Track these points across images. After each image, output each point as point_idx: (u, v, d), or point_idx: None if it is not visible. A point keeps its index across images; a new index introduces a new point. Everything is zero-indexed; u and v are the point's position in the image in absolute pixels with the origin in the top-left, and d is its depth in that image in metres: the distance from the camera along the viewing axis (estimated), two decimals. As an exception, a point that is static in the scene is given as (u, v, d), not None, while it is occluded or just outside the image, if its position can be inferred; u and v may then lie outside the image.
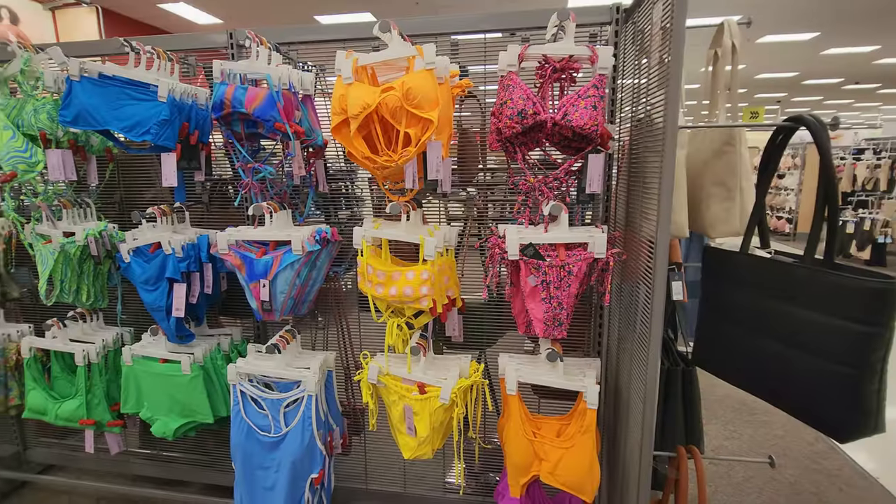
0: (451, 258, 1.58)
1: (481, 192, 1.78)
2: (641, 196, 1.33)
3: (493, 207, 1.79)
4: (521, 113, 1.23)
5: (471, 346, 1.82)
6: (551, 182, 1.32)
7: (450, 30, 1.59)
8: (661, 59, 1.17)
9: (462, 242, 1.84)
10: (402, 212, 1.40)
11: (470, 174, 1.79)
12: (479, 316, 1.76)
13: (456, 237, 1.56)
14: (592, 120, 1.19)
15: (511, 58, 1.25)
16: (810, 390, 0.99)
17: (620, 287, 1.60)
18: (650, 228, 1.24)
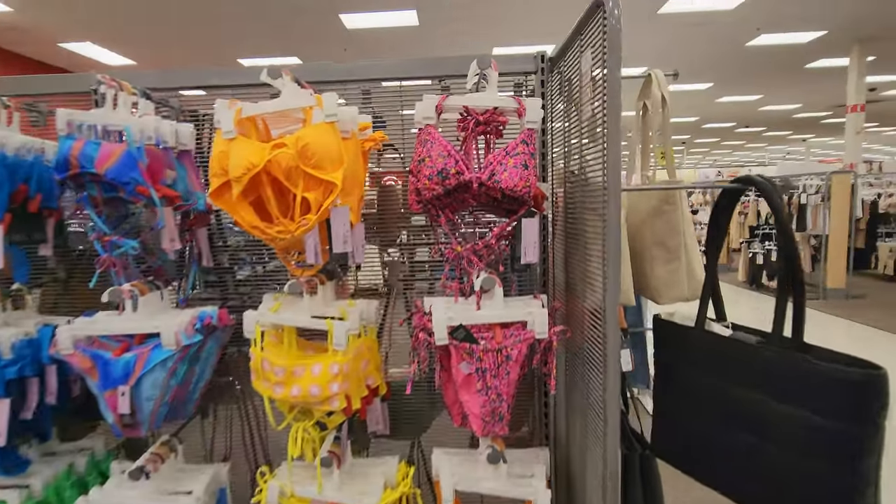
0: (372, 337, 1.33)
1: (407, 253, 1.56)
2: (583, 261, 1.17)
3: (427, 270, 1.58)
4: (441, 172, 1.05)
5: (402, 434, 1.55)
6: (481, 249, 1.13)
7: (364, 76, 1.40)
8: (592, 113, 1.05)
9: (387, 313, 1.60)
10: (304, 291, 1.14)
11: (393, 235, 1.58)
12: (409, 397, 1.51)
13: (376, 312, 1.32)
14: (524, 180, 1.02)
15: (428, 109, 1.08)
16: (791, 494, 0.83)
17: (564, 360, 1.43)
18: (595, 298, 1.08)
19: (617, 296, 0.98)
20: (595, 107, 1.01)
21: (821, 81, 9.83)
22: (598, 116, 1.02)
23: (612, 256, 0.93)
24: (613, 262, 0.93)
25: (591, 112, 1.05)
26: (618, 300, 0.97)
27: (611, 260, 0.94)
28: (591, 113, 1.05)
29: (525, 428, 1.66)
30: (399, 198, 1.55)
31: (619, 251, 0.93)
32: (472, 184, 1.06)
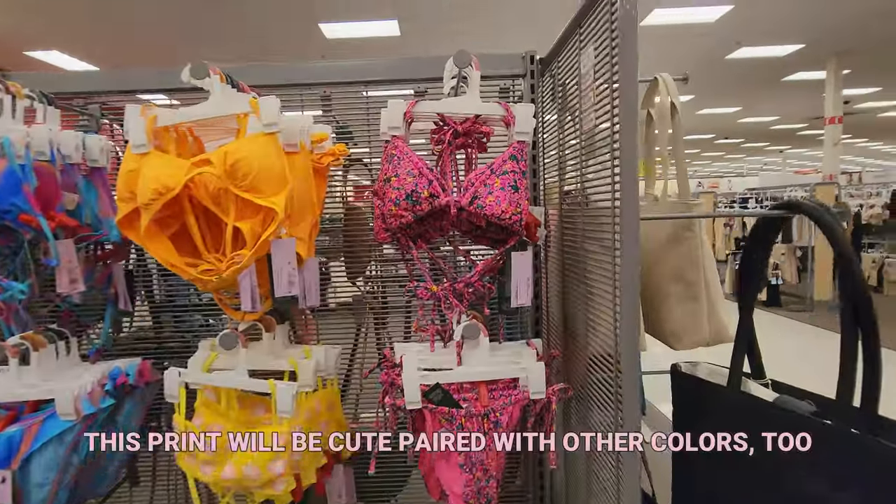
0: (333, 390, 1.10)
1: (376, 286, 1.35)
2: (585, 299, 0.97)
3: (408, 307, 1.36)
4: (411, 196, 0.84)
5: (372, 499, 1.31)
6: (462, 289, 0.92)
7: (324, 79, 1.19)
8: (595, 122, 0.85)
9: (354, 358, 1.38)
10: (239, 345, 0.91)
11: (361, 264, 1.36)
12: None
13: (337, 360, 1.10)
14: (513, 206, 0.82)
15: (394, 117, 0.87)
16: None
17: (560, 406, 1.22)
18: (603, 343, 0.87)
19: (635, 345, 0.78)
20: (600, 115, 0.82)
21: (798, 94, 9.97)
22: (602, 127, 0.82)
23: (628, 298, 0.72)
24: (629, 304, 0.73)
25: (594, 121, 0.85)
26: (636, 350, 0.77)
27: (626, 302, 0.73)
28: (593, 122, 0.86)
29: (517, 481, 1.44)
30: (368, 220, 1.33)
31: (636, 291, 0.72)
32: (449, 209, 0.85)
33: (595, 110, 0.84)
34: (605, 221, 0.82)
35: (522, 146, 0.85)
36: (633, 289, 0.72)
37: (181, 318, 1.34)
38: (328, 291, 1.34)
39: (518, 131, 0.84)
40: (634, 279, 0.72)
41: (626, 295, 0.73)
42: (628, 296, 0.72)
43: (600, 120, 0.82)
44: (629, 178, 0.70)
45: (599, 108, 0.82)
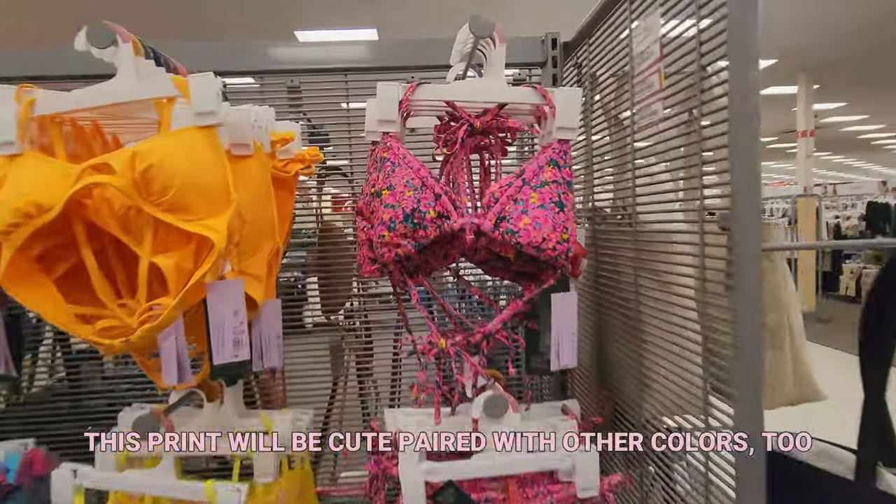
0: (303, 472, 0.83)
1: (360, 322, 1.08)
2: (636, 349, 0.73)
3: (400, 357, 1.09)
4: (411, 217, 0.59)
5: None
6: (479, 342, 0.67)
7: (293, 64, 0.94)
8: (662, 110, 0.63)
9: (331, 413, 1.10)
10: (161, 428, 0.63)
11: (339, 297, 1.09)
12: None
13: (310, 429, 0.83)
14: (559, 231, 0.58)
15: (386, 108, 0.62)
16: None
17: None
18: (666, 405, 0.63)
19: (760, 426, 0.54)
20: (675, 104, 0.59)
21: (769, 108, 10.16)
22: (673, 122, 0.59)
23: (750, 359, 0.49)
24: (751, 366, 0.49)
25: (660, 113, 0.62)
26: (761, 434, 0.53)
27: (747, 365, 0.50)
28: (659, 115, 0.63)
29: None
30: (348, 244, 1.08)
31: (759, 353, 0.49)
32: (464, 235, 0.61)
33: (663, 98, 0.61)
34: (687, 250, 0.59)
35: (565, 147, 0.61)
36: (755, 348, 0.49)
37: (108, 367, 1.05)
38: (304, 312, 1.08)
39: (561, 126, 0.60)
40: (756, 333, 0.49)
41: (747, 355, 0.49)
42: (750, 356, 0.49)
43: (675, 110, 0.59)
44: (748, 189, 0.47)
45: (673, 95, 0.59)
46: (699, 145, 0.55)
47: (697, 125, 0.55)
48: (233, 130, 0.64)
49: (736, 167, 0.47)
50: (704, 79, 0.53)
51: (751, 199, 0.47)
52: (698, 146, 0.55)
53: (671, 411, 0.68)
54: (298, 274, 1.21)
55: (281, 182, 0.81)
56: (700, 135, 0.55)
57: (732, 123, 0.48)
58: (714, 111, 0.52)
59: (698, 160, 0.55)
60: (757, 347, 0.49)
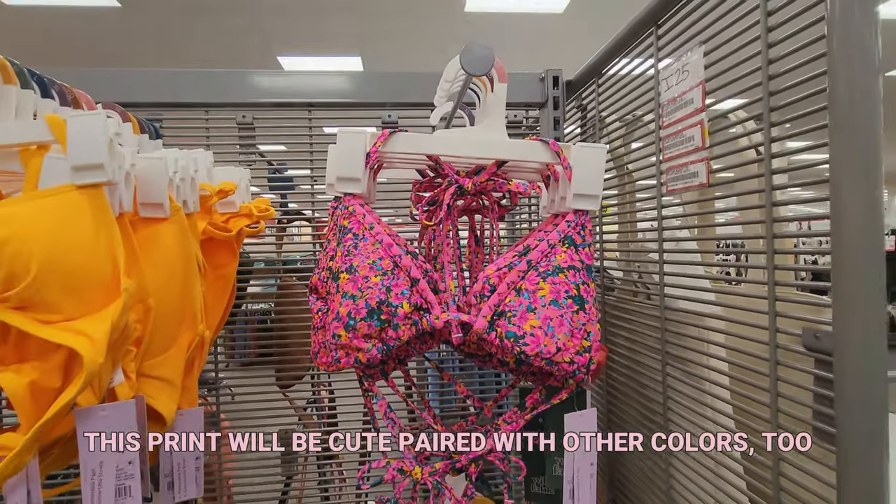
0: None
1: (318, 410, 0.90)
2: (663, 467, 0.58)
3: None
4: (377, 312, 0.43)
5: None
6: (464, 465, 0.51)
7: (245, 98, 0.78)
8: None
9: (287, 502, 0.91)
10: None
11: (295, 369, 0.92)
12: None
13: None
14: (578, 338, 0.42)
15: (349, 161, 0.47)
16: None
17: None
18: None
19: None
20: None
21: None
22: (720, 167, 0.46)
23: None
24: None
25: (705, 172, 0.49)
26: None
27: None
28: (702, 174, 0.49)
29: None
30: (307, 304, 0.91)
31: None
32: (448, 334, 0.45)
33: (709, 159, 0.47)
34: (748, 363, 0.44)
35: (584, 220, 0.46)
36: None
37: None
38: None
39: (579, 193, 0.45)
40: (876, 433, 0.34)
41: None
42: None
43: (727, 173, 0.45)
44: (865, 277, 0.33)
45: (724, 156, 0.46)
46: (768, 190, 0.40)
47: (767, 153, 0.41)
48: (142, 185, 0.48)
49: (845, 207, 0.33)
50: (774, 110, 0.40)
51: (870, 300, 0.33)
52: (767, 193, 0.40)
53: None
54: (270, 304, 1.05)
55: (220, 242, 0.65)
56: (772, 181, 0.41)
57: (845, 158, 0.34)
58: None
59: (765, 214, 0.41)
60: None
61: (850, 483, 0.35)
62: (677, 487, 0.58)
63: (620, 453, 0.71)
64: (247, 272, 0.87)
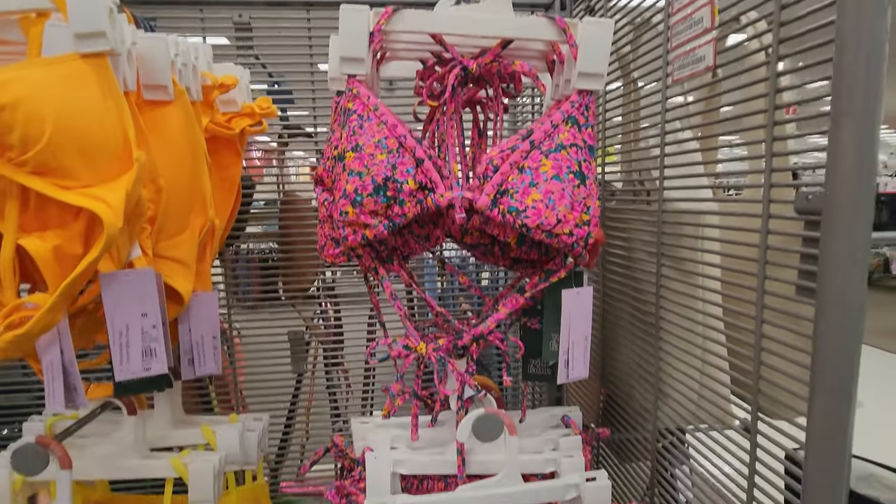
0: (256, 486, 0.71)
1: (325, 312, 0.94)
2: (646, 349, 0.62)
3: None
4: (384, 188, 0.44)
5: None
6: (466, 343, 0.54)
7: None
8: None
9: (297, 405, 0.97)
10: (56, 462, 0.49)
11: (302, 281, 0.95)
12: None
13: (264, 437, 0.70)
14: (578, 211, 0.44)
15: (353, 41, 0.46)
16: None
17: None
18: (682, 417, 0.52)
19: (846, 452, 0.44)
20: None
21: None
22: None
23: (841, 371, 0.37)
24: (843, 381, 0.38)
25: (711, 55, 0.48)
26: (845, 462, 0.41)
27: (836, 380, 0.38)
28: (708, 57, 0.49)
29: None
30: (313, 215, 0.93)
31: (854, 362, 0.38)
32: (452, 211, 0.47)
33: (717, 39, 0.47)
34: (744, 239, 0.46)
35: (588, 101, 0.47)
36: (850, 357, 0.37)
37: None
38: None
39: (584, 72, 0.45)
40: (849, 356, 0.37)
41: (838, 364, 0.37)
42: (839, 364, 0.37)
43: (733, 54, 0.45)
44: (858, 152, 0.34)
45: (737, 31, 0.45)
46: (774, 99, 0.41)
47: (773, 69, 0.41)
48: (145, 66, 0.47)
49: (841, 127, 0.34)
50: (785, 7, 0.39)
51: (862, 168, 0.34)
52: (772, 100, 0.41)
53: (697, 420, 0.57)
54: (273, 244, 1.07)
55: (224, 142, 0.65)
56: (775, 84, 0.41)
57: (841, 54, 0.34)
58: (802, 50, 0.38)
59: (770, 117, 0.41)
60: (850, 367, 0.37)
61: (828, 344, 0.38)
62: (665, 379, 0.63)
63: (613, 349, 0.75)
64: (248, 195, 0.87)
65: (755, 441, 0.47)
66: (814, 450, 0.38)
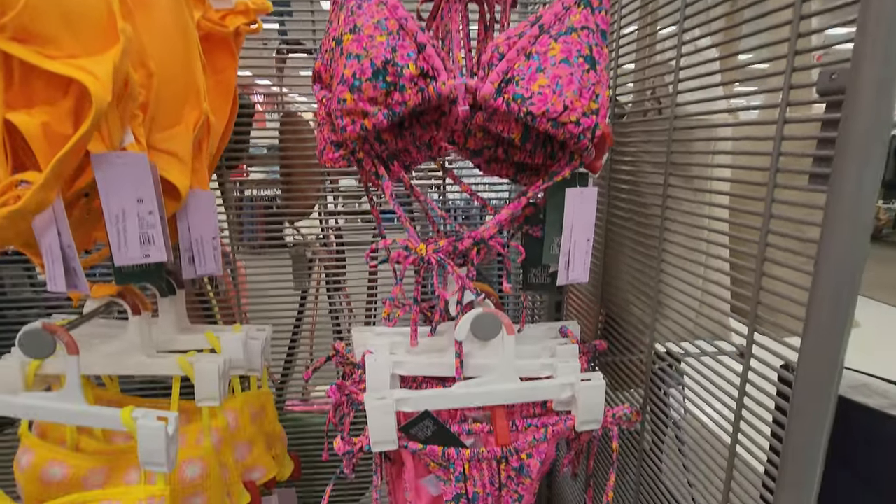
0: (260, 393, 0.73)
1: (330, 231, 0.94)
2: (644, 265, 0.61)
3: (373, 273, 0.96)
4: (382, 73, 0.42)
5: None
6: (467, 250, 0.54)
7: None
8: None
9: (301, 326, 0.99)
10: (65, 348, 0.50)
11: (305, 200, 0.94)
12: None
13: (267, 346, 0.71)
14: (586, 99, 0.42)
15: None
16: None
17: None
18: (677, 335, 0.53)
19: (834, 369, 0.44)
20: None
21: None
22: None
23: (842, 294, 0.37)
24: (841, 306, 0.38)
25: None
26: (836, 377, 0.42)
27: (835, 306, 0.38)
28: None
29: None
30: (314, 137, 0.90)
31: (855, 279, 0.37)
32: (455, 101, 0.45)
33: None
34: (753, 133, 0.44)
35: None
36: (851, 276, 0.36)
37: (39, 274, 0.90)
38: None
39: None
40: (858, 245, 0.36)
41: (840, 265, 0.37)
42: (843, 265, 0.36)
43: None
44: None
45: None
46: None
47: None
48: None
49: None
50: None
51: (891, 43, 0.31)
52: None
53: (694, 337, 0.57)
54: (277, 190, 1.06)
55: (218, 41, 0.62)
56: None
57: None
58: None
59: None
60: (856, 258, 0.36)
61: (837, 228, 0.37)
62: (665, 290, 0.62)
63: (615, 268, 0.75)
64: (247, 114, 0.84)
65: (749, 352, 0.47)
66: (811, 335, 0.38)
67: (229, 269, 0.88)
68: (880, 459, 0.51)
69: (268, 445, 0.74)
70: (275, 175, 0.99)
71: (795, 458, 0.41)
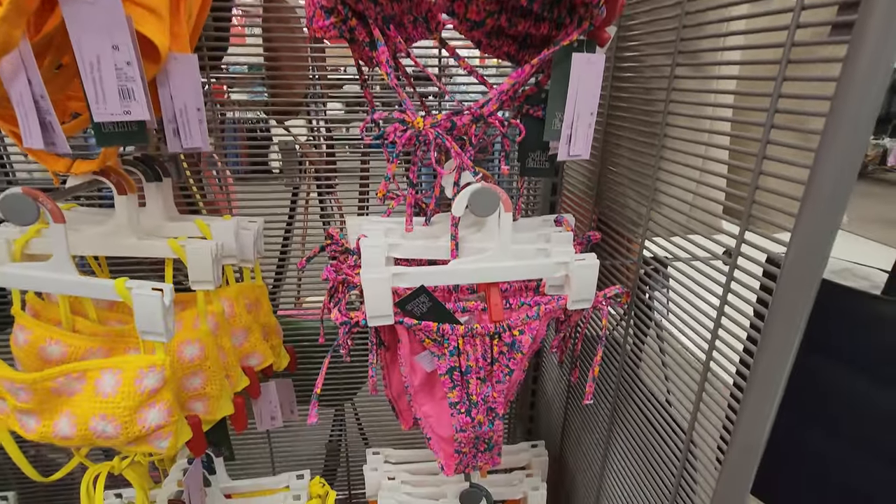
0: (254, 284, 0.74)
1: (319, 133, 0.90)
2: (639, 159, 0.60)
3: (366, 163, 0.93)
4: None
5: (324, 400, 1.05)
6: (465, 126, 0.52)
7: None
8: None
9: (293, 226, 0.98)
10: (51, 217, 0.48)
11: (294, 96, 0.89)
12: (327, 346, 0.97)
13: (259, 237, 0.71)
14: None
15: None
16: None
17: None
18: (670, 230, 0.54)
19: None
20: None
21: None
22: None
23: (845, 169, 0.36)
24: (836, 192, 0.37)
25: None
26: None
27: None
28: None
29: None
30: (301, 24, 0.84)
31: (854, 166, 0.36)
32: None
33: None
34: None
35: None
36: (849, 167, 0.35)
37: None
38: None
39: None
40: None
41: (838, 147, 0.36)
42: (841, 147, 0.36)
43: None
44: None
45: None
46: None
47: None
48: None
49: None
50: None
51: None
52: None
53: (686, 230, 0.57)
54: (261, 114, 1.00)
55: None
56: None
57: None
58: None
59: None
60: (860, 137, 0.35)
61: (856, 72, 0.35)
62: (662, 186, 0.62)
63: (612, 163, 0.74)
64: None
65: (738, 250, 0.47)
66: (807, 216, 0.38)
67: (215, 171, 0.85)
68: (863, 338, 0.53)
69: (264, 335, 0.76)
70: (261, 97, 0.92)
71: (773, 345, 0.42)
